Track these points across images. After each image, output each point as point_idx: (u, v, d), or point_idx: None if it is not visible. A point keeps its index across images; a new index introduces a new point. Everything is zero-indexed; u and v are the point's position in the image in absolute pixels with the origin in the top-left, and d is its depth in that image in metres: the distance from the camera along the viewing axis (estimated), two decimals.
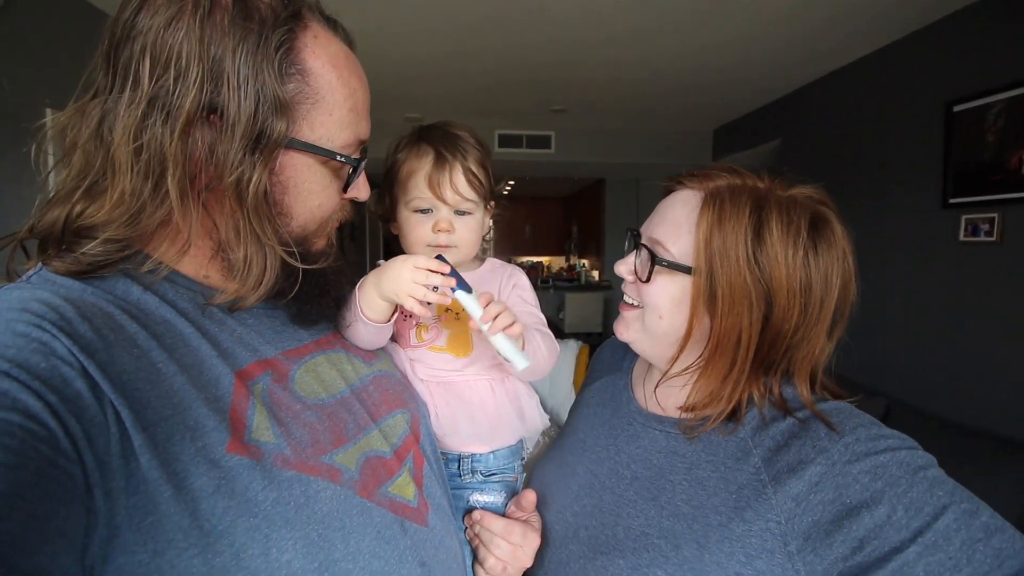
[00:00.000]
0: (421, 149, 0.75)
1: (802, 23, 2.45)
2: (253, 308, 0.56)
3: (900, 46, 2.58)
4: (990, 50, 2.14)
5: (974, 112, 2.18)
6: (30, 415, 0.35)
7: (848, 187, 2.92)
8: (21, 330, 0.38)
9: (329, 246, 0.62)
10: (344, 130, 0.54)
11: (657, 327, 0.64)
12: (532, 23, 2.50)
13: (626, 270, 0.67)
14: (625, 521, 0.63)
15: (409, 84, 3.40)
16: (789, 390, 0.62)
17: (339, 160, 0.54)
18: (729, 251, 0.58)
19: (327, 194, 0.56)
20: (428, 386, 0.75)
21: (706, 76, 3.20)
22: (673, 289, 0.62)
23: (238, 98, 0.46)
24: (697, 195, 0.63)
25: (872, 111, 2.76)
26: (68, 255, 0.47)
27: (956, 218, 2.26)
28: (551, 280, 7.51)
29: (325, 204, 0.57)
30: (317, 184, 0.55)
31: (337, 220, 0.62)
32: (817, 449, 0.53)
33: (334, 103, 0.53)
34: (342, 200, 0.60)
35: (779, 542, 0.51)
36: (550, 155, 4.61)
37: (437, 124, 0.78)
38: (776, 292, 0.58)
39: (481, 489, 0.77)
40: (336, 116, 0.54)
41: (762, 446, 0.57)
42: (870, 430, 0.53)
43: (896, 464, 0.50)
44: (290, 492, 0.46)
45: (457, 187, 0.73)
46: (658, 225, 0.65)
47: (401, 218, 0.77)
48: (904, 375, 2.55)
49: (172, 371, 0.45)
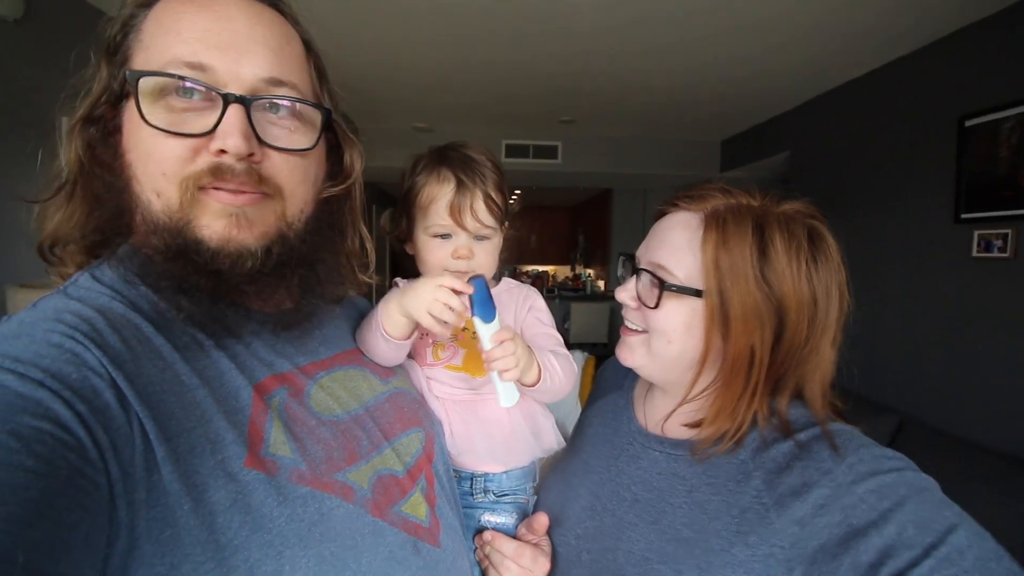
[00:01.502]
0: (442, 175, 0.74)
1: (812, 38, 2.45)
2: (268, 320, 0.56)
3: (911, 60, 2.58)
4: (1003, 64, 2.13)
5: (987, 127, 2.16)
6: (60, 424, 0.35)
7: (858, 201, 2.90)
8: (55, 340, 0.39)
9: (264, 243, 0.50)
10: (159, 57, 0.47)
11: (666, 352, 0.63)
12: (541, 35, 2.52)
13: (628, 296, 0.65)
14: (626, 545, 0.62)
15: (417, 93, 3.43)
16: (795, 410, 0.61)
17: (127, 84, 0.46)
18: (737, 270, 0.58)
19: (151, 138, 0.46)
20: (444, 404, 0.75)
21: (714, 88, 3.21)
22: (682, 313, 0.61)
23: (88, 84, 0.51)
24: (695, 216, 0.62)
25: (883, 124, 2.75)
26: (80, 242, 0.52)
27: (968, 233, 2.24)
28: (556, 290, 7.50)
29: (154, 152, 0.46)
30: (140, 127, 0.46)
31: (209, 185, 0.47)
32: (821, 471, 0.52)
33: (152, 34, 0.48)
34: (205, 152, 0.47)
35: (783, 568, 0.50)
36: (557, 165, 4.62)
37: (454, 146, 0.78)
38: (786, 307, 0.58)
39: (493, 509, 0.77)
40: (153, 48, 0.47)
41: (763, 468, 0.56)
42: (872, 451, 0.53)
43: (903, 484, 0.49)
44: (304, 509, 0.46)
45: (477, 214, 0.73)
46: (658, 249, 0.63)
47: (419, 241, 0.77)
48: (916, 392, 2.51)
49: (195, 384, 0.45)
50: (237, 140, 0.46)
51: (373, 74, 3.07)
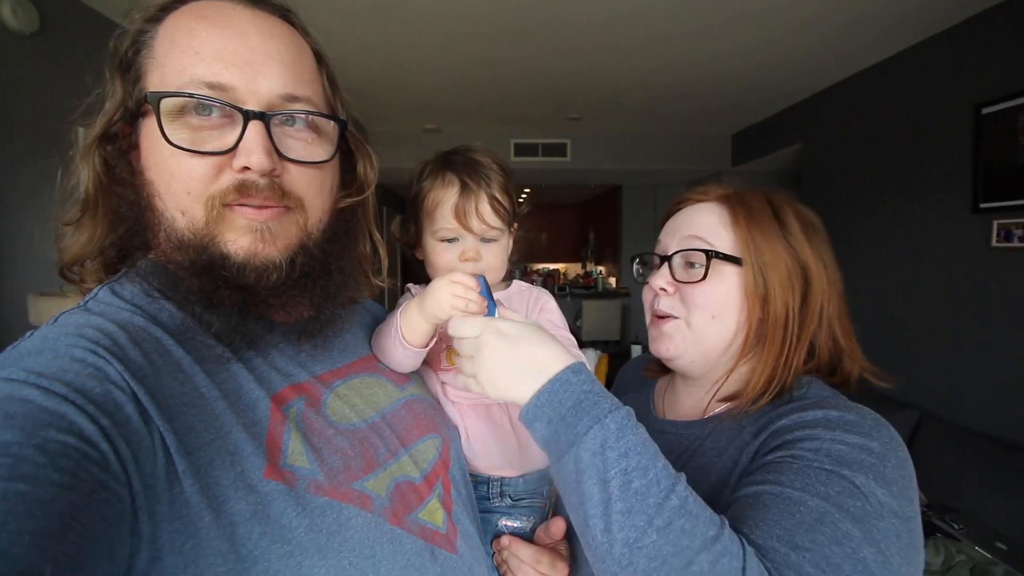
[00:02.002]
0: (446, 179, 0.75)
1: (823, 27, 2.41)
2: (283, 331, 0.56)
3: (925, 47, 2.53)
4: (1020, 50, 2.08)
5: (1004, 114, 2.12)
6: (84, 438, 0.36)
7: (873, 193, 2.86)
8: (78, 355, 0.40)
9: (287, 255, 0.51)
10: (179, 76, 0.47)
11: (708, 328, 0.66)
12: (548, 33, 2.51)
13: (664, 282, 0.68)
14: None
15: (426, 95, 3.44)
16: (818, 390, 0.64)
17: (147, 104, 0.47)
18: (770, 238, 0.64)
19: (174, 158, 0.47)
20: (459, 408, 0.75)
21: (724, 81, 3.17)
22: (724, 285, 0.65)
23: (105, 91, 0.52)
24: (709, 204, 0.68)
25: (897, 114, 2.70)
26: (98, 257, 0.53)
27: (988, 223, 2.20)
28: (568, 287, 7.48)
29: (178, 172, 0.47)
30: (160, 147, 0.47)
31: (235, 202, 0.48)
32: (792, 419, 0.57)
33: (167, 52, 0.48)
34: (228, 170, 0.48)
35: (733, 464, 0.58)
36: (566, 163, 4.61)
37: (459, 150, 0.78)
38: (809, 269, 0.65)
39: (509, 514, 0.77)
40: (170, 66, 0.48)
41: (756, 425, 0.61)
42: (851, 410, 0.56)
43: (857, 434, 0.52)
44: (323, 519, 0.46)
45: (483, 216, 0.74)
46: (688, 232, 0.67)
47: (427, 246, 0.78)
48: (936, 385, 2.47)
49: (214, 396, 0.46)
50: (260, 157, 0.47)
51: (381, 78, 3.08)
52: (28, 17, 1.79)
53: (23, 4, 1.77)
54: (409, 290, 0.82)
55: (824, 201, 3.28)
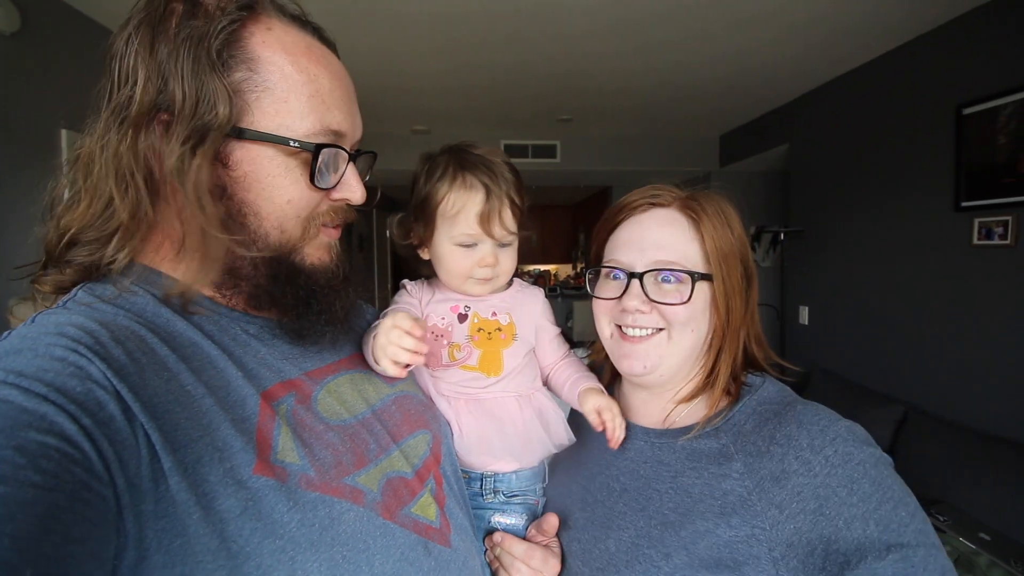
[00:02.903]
0: (467, 182, 0.73)
1: (810, 31, 2.44)
2: (273, 328, 0.57)
3: (909, 49, 2.57)
4: (1000, 52, 2.13)
5: (985, 114, 2.16)
6: (66, 438, 0.35)
7: (859, 190, 2.90)
8: (58, 354, 0.39)
9: (335, 264, 0.60)
10: (305, 119, 0.52)
11: (688, 341, 0.67)
12: (539, 38, 2.52)
13: (640, 302, 0.66)
14: (616, 534, 0.64)
15: (415, 96, 3.43)
16: (771, 386, 0.67)
17: (292, 146, 0.51)
18: (727, 247, 0.66)
19: (297, 188, 0.53)
20: (452, 402, 0.75)
21: (712, 84, 3.20)
22: (699, 299, 0.66)
23: (181, 92, 0.47)
24: (672, 213, 0.68)
25: (881, 114, 2.74)
26: (66, 267, 0.51)
27: (969, 221, 2.24)
28: (559, 288, 7.50)
29: (296, 200, 0.53)
30: (282, 177, 0.52)
31: (330, 224, 0.58)
32: (800, 460, 0.55)
33: (289, 90, 0.51)
34: (326, 199, 0.57)
35: (764, 548, 0.54)
36: (556, 164, 4.62)
37: (468, 148, 0.76)
38: (749, 267, 0.68)
39: (502, 510, 0.77)
40: (293, 104, 0.51)
41: (743, 451, 0.60)
42: (847, 442, 0.55)
43: (867, 479, 0.53)
44: (315, 514, 0.46)
45: (505, 222, 0.73)
46: (657, 249, 0.67)
47: (442, 250, 0.76)
48: (920, 381, 2.51)
49: (200, 393, 0.45)
50: (362, 192, 0.59)
51: (371, 79, 3.07)
52: (9, 17, 1.77)
53: (4, 4, 1.74)
54: (404, 287, 0.81)
55: (812, 199, 3.33)
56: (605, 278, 0.72)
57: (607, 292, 0.71)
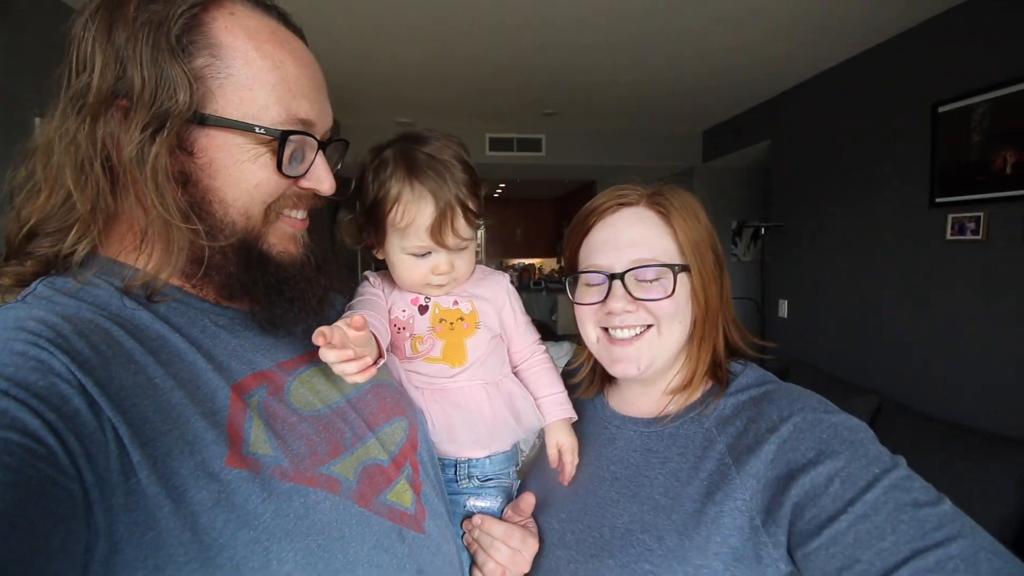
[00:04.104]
0: (416, 191, 0.68)
1: (790, 29, 2.48)
2: (244, 319, 0.56)
3: (885, 48, 2.62)
4: (974, 51, 2.18)
5: (959, 113, 2.21)
6: (29, 433, 0.35)
7: (837, 186, 2.96)
8: (19, 348, 0.38)
9: (305, 254, 0.60)
10: (271, 107, 0.51)
11: (676, 333, 0.68)
12: (524, 29, 2.51)
13: (626, 302, 0.67)
14: (610, 521, 0.66)
15: (399, 88, 3.40)
16: (752, 373, 0.69)
17: (259, 133, 0.50)
18: (698, 237, 0.68)
19: (265, 173, 0.52)
20: (423, 394, 0.75)
21: (695, 80, 3.23)
22: (682, 290, 0.67)
23: (140, 78, 0.46)
24: (640, 210, 0.70)
25: (859, 112, 2.79)
26: (26, 259, 0.50)
27: (943, 217, 2.30)
28: (543, 282, 7.52)
29: (264, 183, 0.52)
30: (250, 163, 0.51)
31: (292, 212, 0.57)
32: (770, 429, 0.58)
33: (253, 77, 0.50)
34: (293, 186, 0.56)
35: (746, 518, 0.56)
36: (541, 158, 4.62)
37: (418, 143, 0.71)
38: (720, 255, 0.70)
39: (477, 494, 0.77)
40: (258, 92, 0.50)
41: (725, 433, 0.63)
42: (816, 411, 0.58)
43: (836, 438, 0.55)
44: (289, 504, 0.46)
45: (458, 231, 0.70)
46: (632, 248, 0.68)
47: (395, 258, 0.74)
48: (894, 372, 2.58)
49: (169, 386, 0.45)
50: (331, 183, 0.59)
51: (353, 69, 3.03)
52: None
53: None
54: (367, 278, 0.80)
55: (792, 194, 3.38)
56: (584, 284, 0.72)
57: (589, 297, 0.71)
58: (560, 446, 0.75)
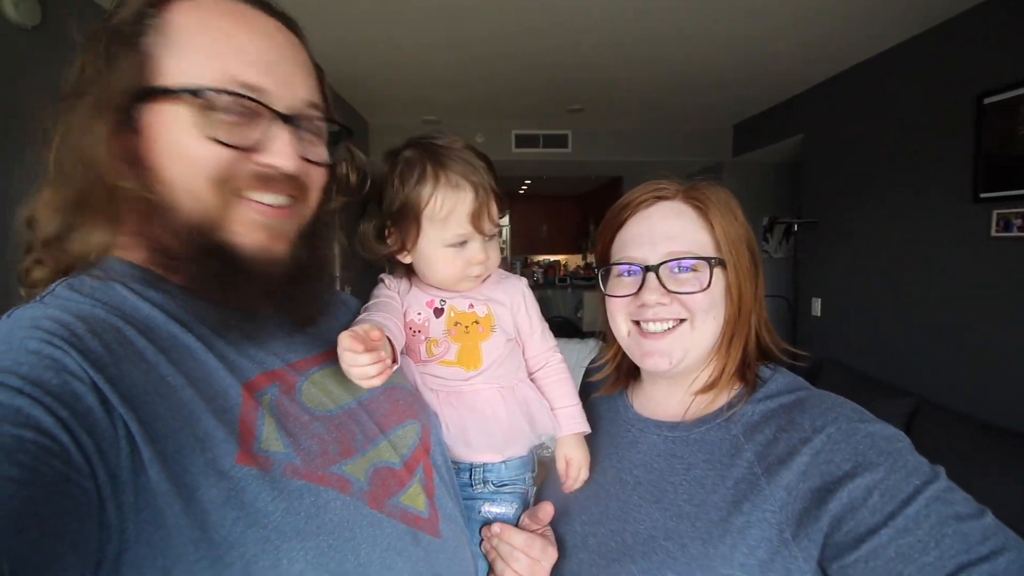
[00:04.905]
0: (452, 181, 0.70)
1: (825, 19, 2.39)
2: (255, 319, 0.55)
3: (927, 37, 2.51)
4: (1022, 40, 2.07)
5: (1005, 104, 2.11)
6: (42, 431, 0.35)
7: (875, 181, 2.86)
8: (33, 347, 0.39)
9: (293, 253, 0.55)
10: (207, 72, 0.48)
11: (710, 329, 0.67)
12: (550, 29, 2.51)
13: (660, 294, 0.66)
14: (632, 526, 0.65)
15: (427, 88, 3.43)
16: (782, 378, 0.67)
17: (187, 95, 0.47)
18: (735, 234, 0.67)
19: (200, 144, 0.48)
20: (438, 396, 0.74)
21: (725, 73, 3.15)
22: (718, 285, 0.66)
23: (94, 68, 0.48)
24: (676, 204, 0.69)
25: (899, 104, 2.69)
26: (47, 257, 0.52)
27: (987, 213, 2.20)
28: (568, 279, 7.49)
29: (201, 157, 0.48)
30: (185, 134, 0.47)
31: (253, 195, 0.51)
32: (803, 440, 0.57)
33: (194, 46, 0.48)
34: (246, 160, 0.50)
35: (775, 530, 0.55)
36: (567, 154, 4.59)
37: (435, 143, 0.73)
38: (756, 253, 0.69)
39: (492, 500, 0.77)
40: (196, 57, 0.48)
41: (753, 441, 0.61)
42: (851, 421, 0.56)
43: (874, 448, 0.53)
44: (300, 502, 0.46)
45: (493, 216, 0.73)
46: (667, 242, 0.67)
47: (433, 254, 0.74)
48: (934, 373, 2.48)
49: (180, 384, 0.45)
50: (292, 160, 0.51)
51: (382, 71, 3.07)
52: (30, 10, 1.79)
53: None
54: (383, 280, 0.80)
55: (826, 190, 3.28)
56: (617, 276, 0.72)
57: (621, 289, 0.70)
58: (569, 460, 0.75)
